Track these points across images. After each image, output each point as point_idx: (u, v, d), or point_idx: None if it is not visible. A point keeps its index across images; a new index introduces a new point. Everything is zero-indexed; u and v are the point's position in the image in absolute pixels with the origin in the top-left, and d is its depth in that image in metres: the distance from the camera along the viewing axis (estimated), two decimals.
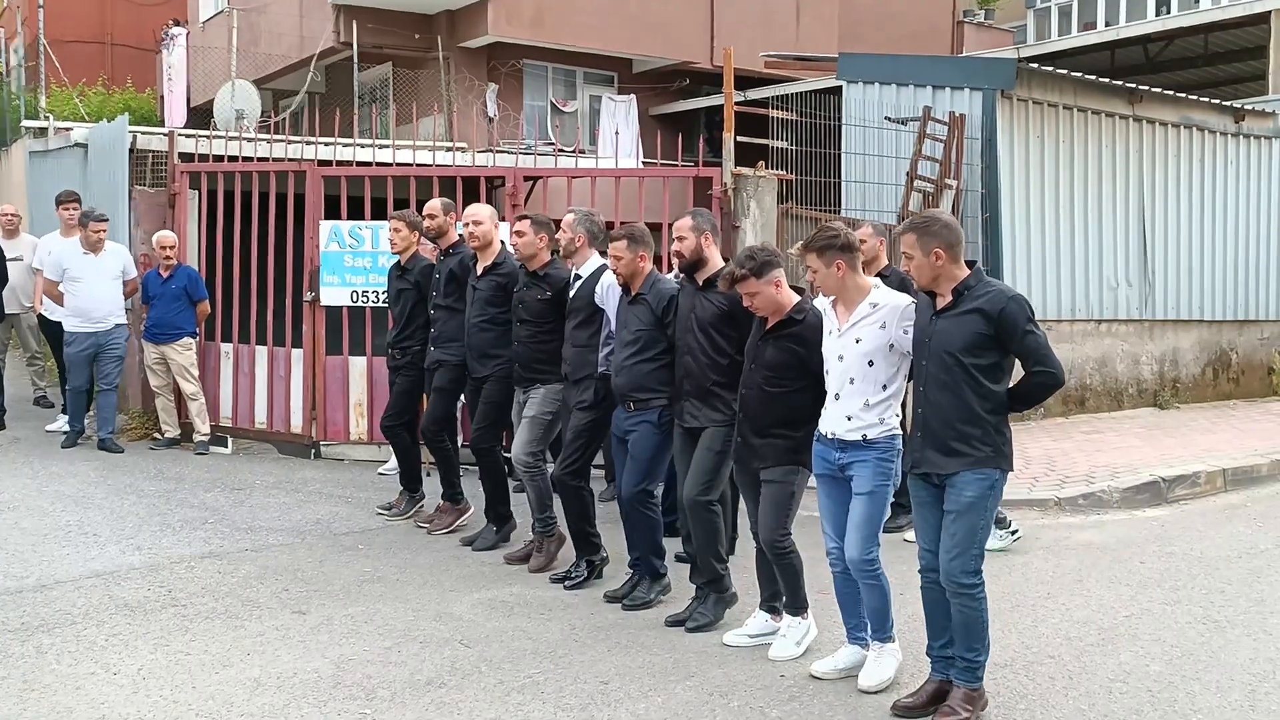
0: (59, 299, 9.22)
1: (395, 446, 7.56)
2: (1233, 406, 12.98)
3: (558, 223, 6.34)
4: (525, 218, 6.45)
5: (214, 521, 7.19)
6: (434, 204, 7.17)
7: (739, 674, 4.82)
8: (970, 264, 4.36)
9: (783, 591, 5.10)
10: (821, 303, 4.82)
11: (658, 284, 5.70)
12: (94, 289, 9.09)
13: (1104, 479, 8.54)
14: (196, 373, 9.28)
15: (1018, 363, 4.36)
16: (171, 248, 9.21)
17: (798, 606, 5.08)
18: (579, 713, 4.40)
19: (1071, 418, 11.63)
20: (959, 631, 4.36)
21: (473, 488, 7.15)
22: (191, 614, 5.45)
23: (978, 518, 4.28)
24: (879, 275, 6.76)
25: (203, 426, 9.30)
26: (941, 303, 4.34)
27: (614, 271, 5.72)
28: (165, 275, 9.18)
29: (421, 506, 7.53)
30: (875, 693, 4.60)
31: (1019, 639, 5.30)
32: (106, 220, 9.22)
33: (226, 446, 9.37)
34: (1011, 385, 4.36)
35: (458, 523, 7.16)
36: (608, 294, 5.96)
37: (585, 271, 6.14)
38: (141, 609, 5.49)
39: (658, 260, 5.94)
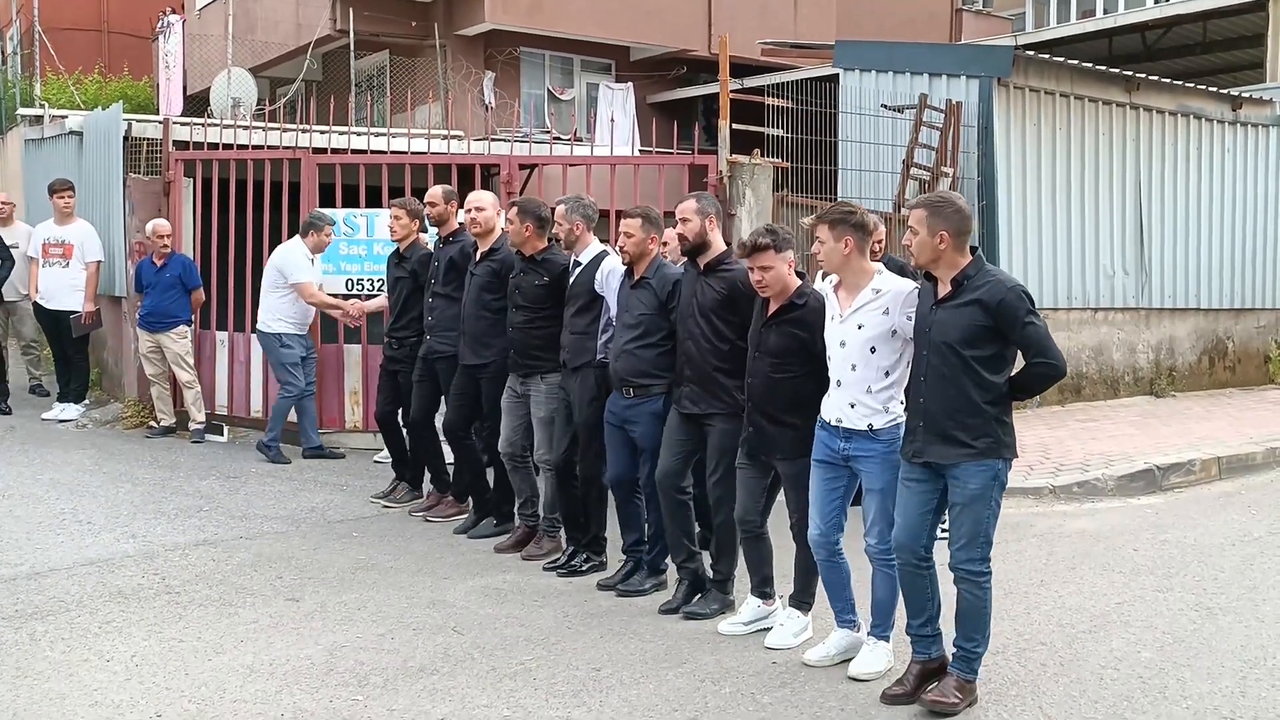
0: (325, 304, 8.63)
1: (388, 439, 7.56)
2: (1229, 395, 12.98)
3: (553, 209, 6.30)
4: (514, 204, 6.42)
5: (208, 509, 7.20)
6: (435, 191, 7.15)
7: (731, 660, 4.83)
8: (973, 250, 4.32)
9: (795, 581, 5.08)
10: (824, 288, 4.79)
11: (662, 268, 5.66)
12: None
13: (1099, 467, 8.54)
14: (191, 361, 9.26)
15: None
16: (167, 236, 9.19)
17: (804, 601, 5.08)
18: (570, 699, 4.41)
19: (1068, 406, 11.63)
20: (961, 619, 4.36)
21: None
22: (185, 601, 5.46)
23: (983, 508, 4.27)
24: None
25: (198, 415, 9.28)
26: (941, 291, 4.31)
27: (622, 249, 5.65)
28: (160, 263, 9.17)
29: (419, 495, 7.53)
30: (864, 680, 4.61)
31: (1012, 626, 5.30)
32: (334, 223, 8.85)
33: (222, 435, 9.36)
34: (1012, 375, 4.34)
35: (454, 513, 7.16)
36: (607, 279, 5.92)
37: (585, 258, 6.09)
38: (135, 596, 5.50)
39: None
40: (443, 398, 7.06)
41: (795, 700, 4.45)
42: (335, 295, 9.15)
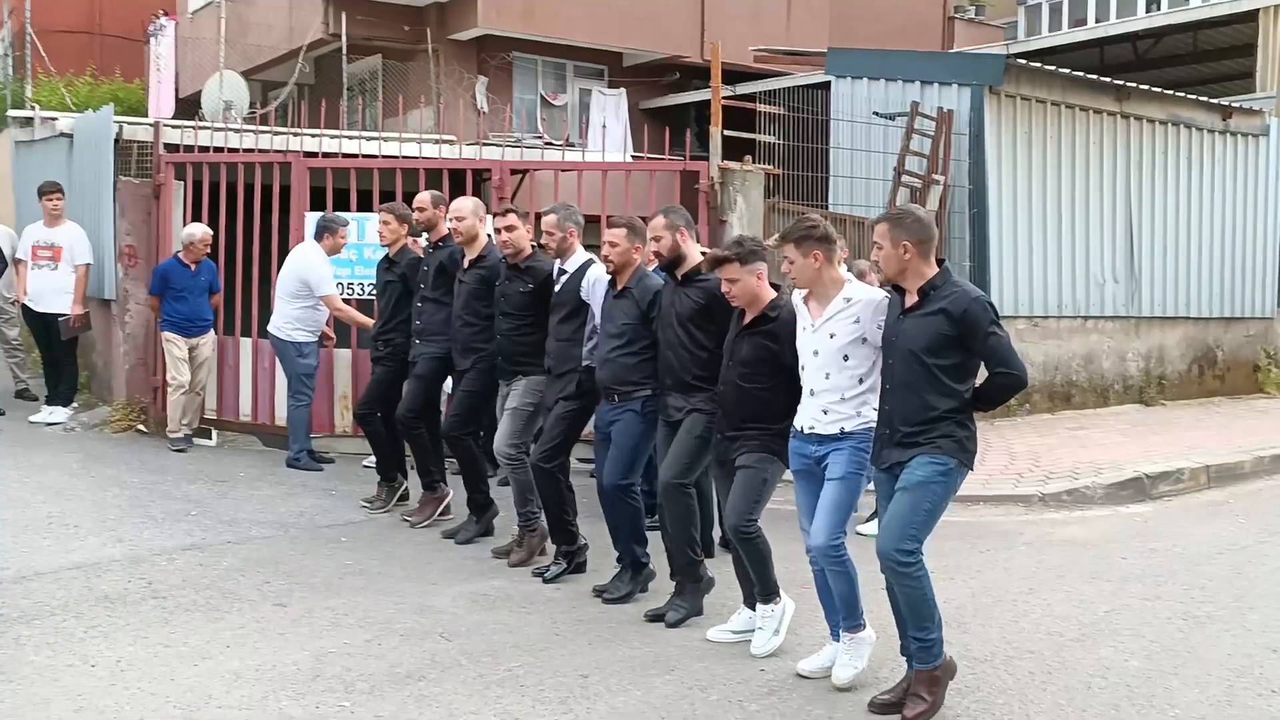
0: (353, 319, 8.52)
1: (369, 435, 7.54)
2: (1218, 403, 13.03)
3: (538, 216, 6.33)
4: (512, 211, 6.42)
5: (196, 514, 7.17)
6: (423, 197, 7.14)
7: (719, 668, 4.83)
8: (940, 262, 4.37)
9: (752, 579, 5.09)
10: (794, 299, 4.82)
11: (644, 279, 5.70)
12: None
13: (1088, 475, 8.56)
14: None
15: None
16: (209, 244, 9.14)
17: (768, 592, 5.07)
18: (557, 706, 4.40)
19: (1057, 414, 11.66)
20: (906, 613, 4.35)
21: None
22: (171, 606, 5.43)
23: (922, 497, 4.25)
24: None
25: (192, 420, 9.23)
26: (909, 301, 4.36)
27: (606, 259, 5.68)
28: (194, 268, 9.10)
29: (405, 498, 7.52)
30: (850, 689, 4.59)
31: (1000, 634, 5.31)
32: (348, 224, 8.70)
33: (211, 439, 9.34)
34: (976, 386, 4.37)
35: (439, 511, 7.13)
36: (593, 288, 5.96)
37: (571, 266, 6.13)
38: (121, 601, 5.47)
39: None
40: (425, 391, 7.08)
41: (782, 708, 4.44)
42: None
